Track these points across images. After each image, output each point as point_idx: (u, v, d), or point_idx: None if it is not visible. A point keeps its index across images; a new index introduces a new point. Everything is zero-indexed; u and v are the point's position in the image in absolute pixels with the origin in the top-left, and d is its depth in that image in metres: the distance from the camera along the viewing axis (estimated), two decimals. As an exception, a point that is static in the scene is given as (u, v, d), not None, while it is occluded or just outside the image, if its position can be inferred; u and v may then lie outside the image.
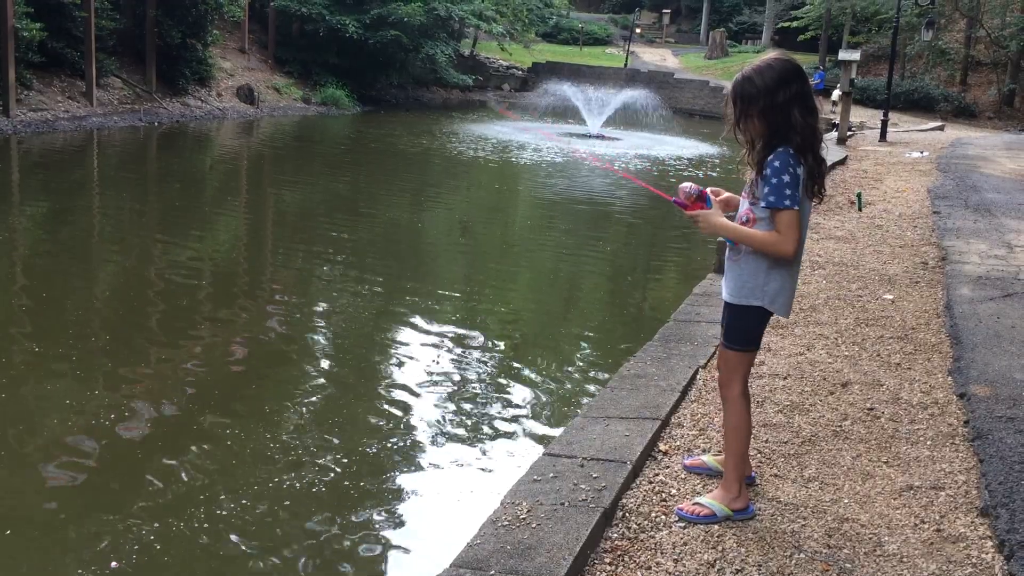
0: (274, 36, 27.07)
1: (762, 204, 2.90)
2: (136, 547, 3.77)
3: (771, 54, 3.00)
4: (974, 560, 2.92)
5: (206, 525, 3.95)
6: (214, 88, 22.85)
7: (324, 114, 25.05)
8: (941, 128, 25.54)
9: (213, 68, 22.87)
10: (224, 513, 4.06)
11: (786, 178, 2.84)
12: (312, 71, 26.82)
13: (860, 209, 10.02)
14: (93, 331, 6.57)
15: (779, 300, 3.02)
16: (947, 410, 4.22)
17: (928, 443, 3.84)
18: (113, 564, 3.66)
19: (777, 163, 2.86)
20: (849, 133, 19.68)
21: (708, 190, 3.08)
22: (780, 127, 2.86)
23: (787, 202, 2.85)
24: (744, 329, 3.07)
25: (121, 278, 8.31)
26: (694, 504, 3.12)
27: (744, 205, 3.04)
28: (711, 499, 3.12)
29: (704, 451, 3.65)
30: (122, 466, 4.56)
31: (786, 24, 38.24)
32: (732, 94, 2.90)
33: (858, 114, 25.98)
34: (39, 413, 5.08)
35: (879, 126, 20.44)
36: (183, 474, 4.43)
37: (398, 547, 3.93)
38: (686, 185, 3.00)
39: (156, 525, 3.93)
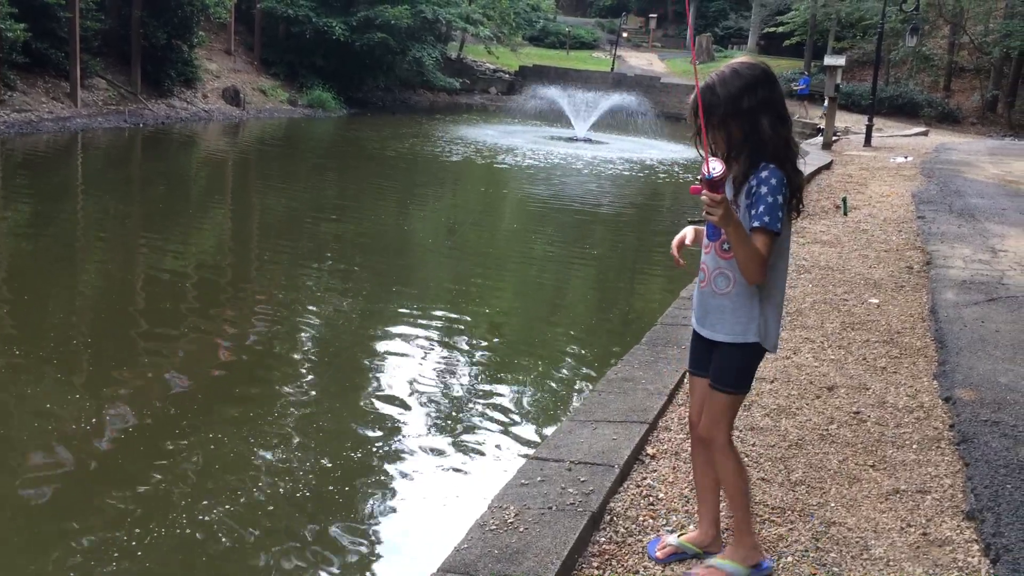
0: (260, 38, 26.97)
1: (755, 223, 2.58)
2: (116, 554, 3.73)
3: (740, 58, 2.74)
4: (960, 564, 2.93)
5: (187, 531, 3.91)
6: (200, 90, 22.74)
7: (310, 116, 24.97)
8: (925, 133, 25.74)
9: (199, 69, 22.76)
10: (207, 519, 4.03)
11: (779, 199, 2.58)
12: (298, 73, 26.73)
13: (845, 214, 10.07)
14: (74, 335, 6.52)
15: (771, 334, 2.77)
16: (932, 414, 4.24)
17: (914, 447, 3.86)
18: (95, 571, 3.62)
19: (774, 181, 2.58)
20: (834, 138, 19.80)
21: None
22: (747, 137, 2.60)
23: (778, 225, 2.58)
24: (739, 369, 2.76)
25: (104, 281, 8.24)
26: (707, 568, 2.82)
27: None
28: (725, 559, 2.82)
29: (681, 528, 3.12)
30: (103, 471, 4.52)
31: (772, 29, 38.46)
32: (693, 104, 2.61)
33: (843, 119, 26.14)
34: (19, 417, 5.02)
35: (864, 131, 20.58)
36: (164, 480, 4.39)
37: (385, 552, 3.91)
38: (715, 164, 2.51)
39: (137, 531, 3.89)
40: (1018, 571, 2.82)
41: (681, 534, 3.00)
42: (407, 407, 5.38)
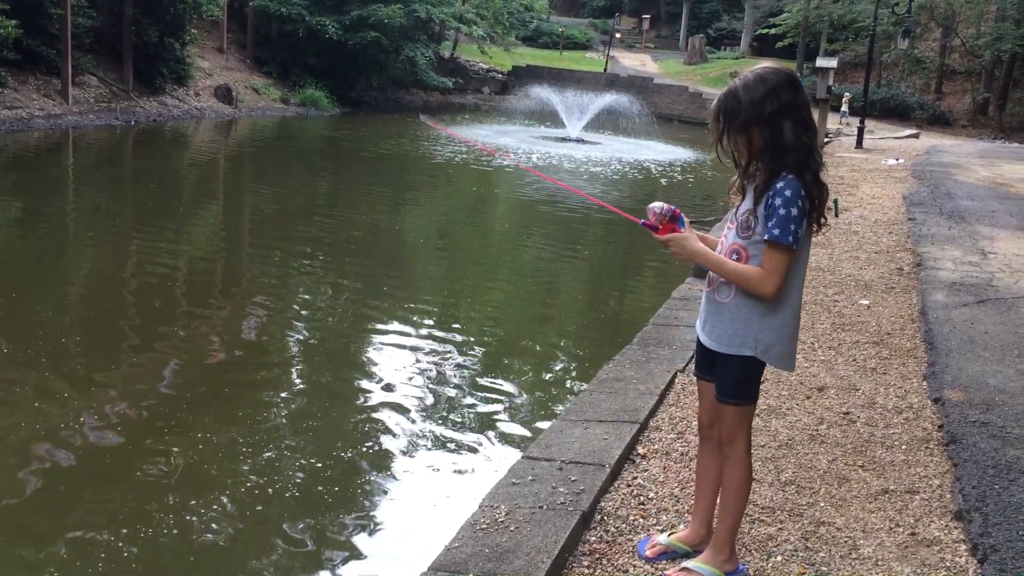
0: (253, 36, 26.92)
1: (765, 236, 2.55)
2: (103, 554, 3.71)
3: (764, 64, 2.69)
4: (948, 563, 2.95)
5: (175, 531, 3.90)
6: (192, 87, 22.68)
7: (303, 115, 24.94)
8: (916, 136, 25.84)
9: (191, 67, 22.71)
10: (195, 519, 4.02)
11: (794, 211, 2.52)
12: (291, 72, 26.69)
13: (836, 215, 10.07)
14: (64, 333, 6.49)
15: (775, 350, 2.66)
16: (922, 415, 4.26)
17: (903, 447, 3.88)
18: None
19: (789, 192, 2.53)
20: (826, 140, 19.87)
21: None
22: (768, 144, 2.55)
23: (790, 238, 2.52)
24: (739, 381, 2.70)
25: (94, 279, 8.22)
26: (681, 570, 2.81)
27: (731, 238, 2.69)
28: (701, 563, 2.81)
29: (688, 512, 3.15)
30: (91, 471, 4.50)
31: (764, 31, 38.58)
32: (715, 109, 2.63)
33: (835, 121, 26.23)
34: (7, 414, 5.00)
35: (855, 133, 20.65)
36: (153, 479, 4.38)
37: (375, 551, 3.90)
38: (656, 205, 2.67)
39: (124, 531, 3.88)
40: (1005, 571, 2.84)
41: (671, 533, 3.00)
42: (398, 406, 5.38)
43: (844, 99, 29.15)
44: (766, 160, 2.58)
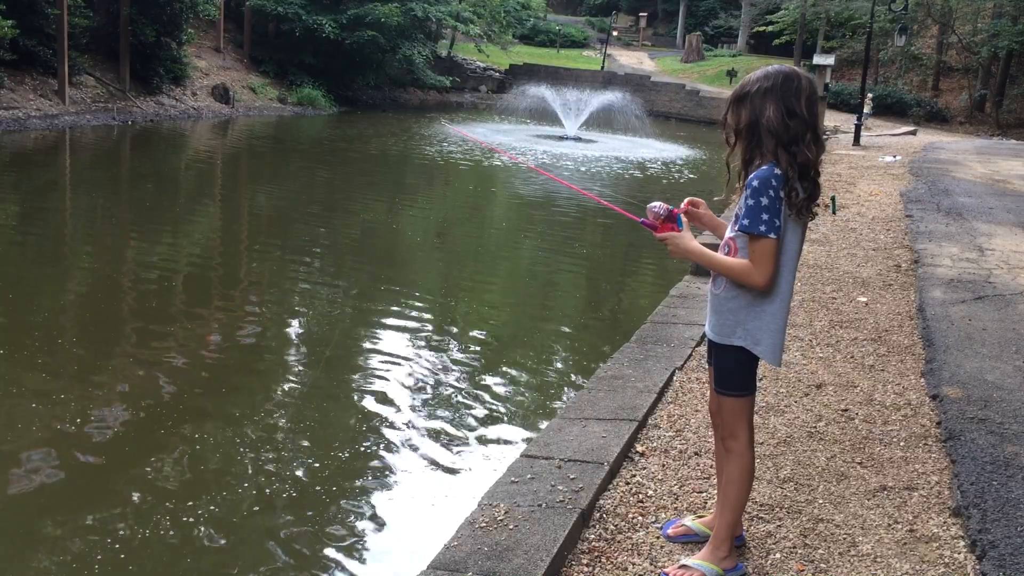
0: (249, 35, 26.90)
1: (736, 227, 2.64)
2: (99, 556, 3.71)
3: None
4: (947, 560, 2.95)
5: (172, 532, 3.89)
6: (189, 87, 22.66)
7: (300, 114, 24.92)
8: (913, 133, 25.84)
9: (188, 67, 22.68)
10: (193, 519, 4.01)
11: (764, 200, 2.56)
12: (288, 71, 26.67)
13: (834, 212, 10.10)
14: (61, 333, 6.49)
15: (764, 342, 2.71)
16: (920, 411, 4.26)
17: (901, 444, 3.88)
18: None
19: (756, 182, 2.58)
20: (824, 137, 19.86)
21: (679, 209, 2.83)
22: (749, 121, 2.62)
23: (762, 228, 2.56)
24: (731, 372, 2.77)
25: (91, 279, 8.21)
26: (680, 568, 2.80)
27: (727, 232, 2.77)
28: (700, 560, 2.81)
29: (688, 511, 3.22)
30: (89, 471, 4.50)
31: (761, 28, 38.60)
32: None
33: (832, 118, 26.28)
34: (2, 415, 4.99)
35: (853, 130, 20.66)
36: (152, 479, 4.38)
37: (375, 550, 3.91)
38: (654, 204, 2.78)
39: (121, 532, 3.88)
40: (1003, 567, 2.85)
41: (699, 517, 3.06)
42: (396, 406, 5.38)
43: (866, 100, 28.63)
44: (745, 140, 2.66)
